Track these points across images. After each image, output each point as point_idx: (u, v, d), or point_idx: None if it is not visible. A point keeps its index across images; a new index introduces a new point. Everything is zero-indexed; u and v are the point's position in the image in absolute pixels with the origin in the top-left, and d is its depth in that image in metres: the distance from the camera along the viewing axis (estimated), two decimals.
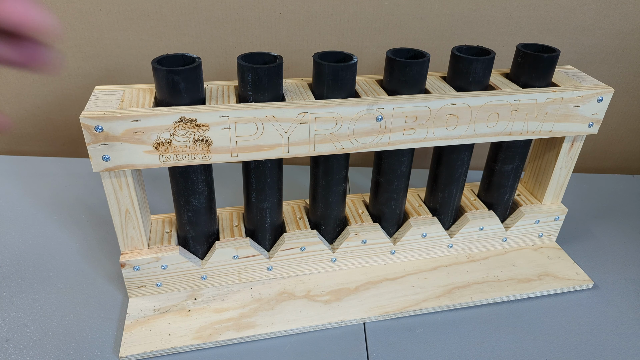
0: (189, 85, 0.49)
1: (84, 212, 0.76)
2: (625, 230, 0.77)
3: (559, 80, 0.61)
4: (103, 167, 0.50)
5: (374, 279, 0.65)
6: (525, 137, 0.60)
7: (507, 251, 0.71)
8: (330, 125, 0.52)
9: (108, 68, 0.84)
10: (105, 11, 0.78)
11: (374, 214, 0.67)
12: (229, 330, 0.56)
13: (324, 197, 0.61)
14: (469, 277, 0.65)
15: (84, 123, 0.47)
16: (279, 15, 0.79)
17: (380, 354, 0.55)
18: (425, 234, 0.66)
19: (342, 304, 0.61)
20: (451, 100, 0.54)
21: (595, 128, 0.61)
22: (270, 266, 0.63)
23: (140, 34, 0.80)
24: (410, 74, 0.54)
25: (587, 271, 0.67)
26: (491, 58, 0.57)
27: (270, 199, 0.59)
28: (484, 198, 0.71)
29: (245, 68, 0.49)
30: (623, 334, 0.59)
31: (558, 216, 0.70)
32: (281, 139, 0.52)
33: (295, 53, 0.83)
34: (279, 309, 0.59)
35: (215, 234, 0.61)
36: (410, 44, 0.82)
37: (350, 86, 0.54)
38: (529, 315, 0.61)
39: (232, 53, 0.83)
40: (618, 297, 0.64)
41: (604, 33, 0.82)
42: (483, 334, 0.58)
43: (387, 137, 0.55)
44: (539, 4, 0.79)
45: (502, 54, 0.82)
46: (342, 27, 0.81)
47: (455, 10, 0.79)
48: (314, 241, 0.62)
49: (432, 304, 0.61)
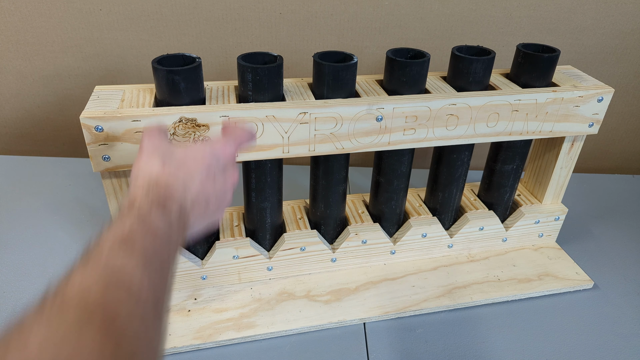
0: (189, 85, 0.48)
1: (84, 212, 0.76)
2: (625, 230, 0.77)
3: (559, 80, 0.61)
4: (103, 167, 0.50)
5: (374, 279, 0.65)
6: (526, 137, 0.60)
7: (507, 251, 0.71)
8: (330, 125, 0.52)
9: (108, 68, 0.84)
10: (105, 11, 0.78)
11: (374, 214, 0.67)
12: (229, 330, 0.56)
13: (324, 197, 0.61)
14: (469, 277, 0.65)
15: (84, 123, 0.47)
16: (279, 15, 0.79)
17: (380, 354, 0.55)
18: (425, 234, 0.66)
19: (342, 304, 0.61)
20: (451, 100, 0.54)
21: (596, 128, 0.61)
22: (271, 266, 0.62)
23: (140, 34, 0.80)
24: (410, 74, 0.54)
25: (587, 271, 0.67)
26: (491, 58, 0.57)
27: (271, 199, 0.59)
28: (484, 198, 0.71)
29: (246, 68, 0.49)
30: (623, 334, 0.59)
31: (558, 216, 0.70)
32: (281, 139, 0.52)
33: (295, 53, 0.83)
34: (279, 309, 0.59)
35: (215, 234, 0.61)
36: (410, 44, 0.82)
37: (351, 86, 0.54)
38: (529, 315, 0.61)
39: (232, 53, 0.83)
40: (618, 297, 0.64)
41: (604, 33, 0.82)
42: (483, 334, 0.58)
43: (387, 137, 0.55)
44: (539, 4, 0.79)
45: (502, 54, 0.82)
46: (342, 27, 0.81)
47: (455, 10, 0.79)
48: (314, 241, 0.62)
49: (432, 304, 0.61)
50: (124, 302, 0.25)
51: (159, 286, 0.29)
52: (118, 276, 0.26)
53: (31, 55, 0.82)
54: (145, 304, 0.27)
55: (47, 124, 0.91)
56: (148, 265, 0.28)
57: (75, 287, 0.25)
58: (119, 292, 0.25)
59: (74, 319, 0.23)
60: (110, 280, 0.26)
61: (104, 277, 0.26)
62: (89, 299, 0.24)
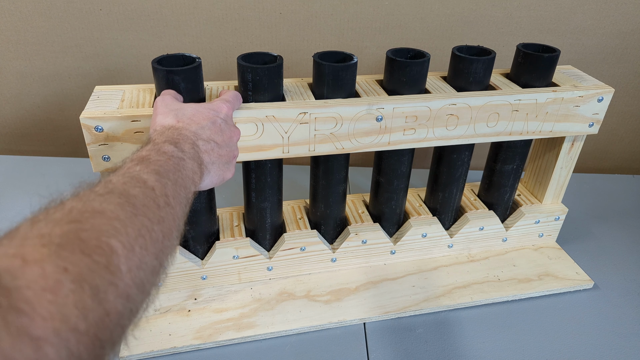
0: (189, 85, 0.48)
1: None
2: (625, 230, 0.77)
3: (559, 80, 0.61)
4: (103, 167, 0.50)
5: (374, 279, 0.65)
6: (526, 137, 0.60)
7: (507, 251, 0.71)
8: (330, 125, 0.52)
9: (108, 68, 0.84)
10: (105, 11, 0.78)
11: (374, 214, 0.67)
12: (229, 330, 0.56)
13: (324, 197, 0.61)
14: (469, 277, 0.65)
15: (84, 123, 0.47)
16: (279, 15, 0.79)
17: (380, 354, 0.55)
18: (425, 234, 0.66)
19: (342, 304, 0.60)
20: (451, 100, 0.54)
21: (596, 128, 0.61)
22: (271, 266, 0.62)
23: (140, 34, 0.80)
24: (410, 74, 0.54)
25: (587, 271, 0.67)
26: (491, 58, 0.56)
27: (271, 199, 0.59)
28: (484, 198, 0.71)
29: (245, 68, 0.49)
30: (623, 334, 0.59)
31: (558, 216, 0.70)
32: (281, 139, 0.52)
33: (295, 53, 0.83)
34: (279, 309, 0.59)
35: (215, 234, 0.61)
36: (410, 44, 0.82)
37: (351, 86, 0.54)
38: (529, 315, 0.61)
39: (232, 53, 0.83)
40: (618, 297, 0.64)
41: (604, 33, 0.82)
42: (483, 334, 0.58)
43: (387, 137, 0.55)
44: (539, 4, 0.79)
45: (502, 54, 0.82)
46: (342, 27, 0.81)
47: (455, 10, 0.79)
48: (314, 241, 0.62)
49: (432, 304, 0.61)
50: (139, 189, 0.31)
51: (171, 193, 0.34)
52: (135, 176, 0.32)
53: (31, 55, 0.82)
54: (158, 196, 0.32)
55: (47, 124, 0.91)
56: (162, 176, 0.34)
57: (100, 185, 0.31)
58: (135, 183, 0.31)
59: (100, 193, 0.29)
60: (128, 179, 0.32)
61: (123, 176, 0.32)
62: (110, 185, 0.30)
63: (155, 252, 0.29)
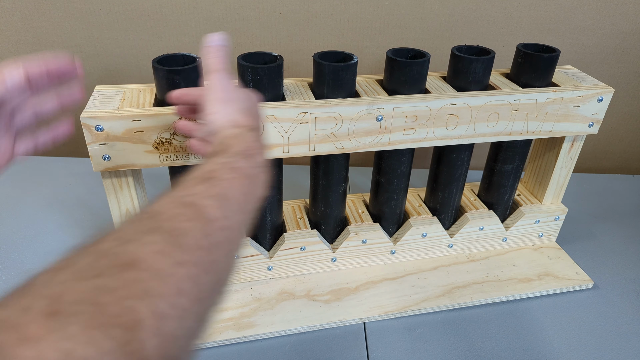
0: (189, 85, 0.48)
1: (84, 212, 0.76)
2: (625, 230, 0.77)
3: (559, 80, 0.61)
4: (103, 167, 0.50)
5: (374, 278, 0.65)
6: (526, 137, 0.60)
7: (507, 251, 0.71)
8: (330, 125, 0.52)
9: (108, 68, 0.84)
10: (105, 11, 0.78)
11: (374, 213, 0.67)
12: (229, 329, 0.56)
13: (324, 196, 0.61)
14: (469, 277, 0.65)
15: (84, 123, 0.47)
16: (279, 15, 0.79)
17: (380, 354, 0.55)
18: (425, 233, 0.66)
19: (342, 303, 0.60)
20: (451, 100, 0.54)
21: (596, 128, 0.61)
22: (271, 266, 0.62)
23: (140, 34, 0.80)
24: (410, 74, 0.54)
25: (587, 271, 0.67)
26: (491, 58, 0.57)
27: (270, 199, 0.59)
28: (484, 198, 0.71)
29: (245, 68, 0.49)
30: (623, 334, 0.59)
31: (558, 216, 0.70)
32: (281, 138, 0.52)
33: (295, 53, 0.83)
34: (279, 309, 0.59)
35: None
36: (410, 44, 0.82)
37: (351, 86, 0.54)
38: (529, 315, 0.61)
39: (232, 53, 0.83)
40: (618, 297, 0.64)
41: (604, 33, 0.82)
42: (483, 334, 0.58)
43: (387, 137, 0.55)
44: (539, 4, 0.79)
45: (502, 54, 0.82)
46: (342, 27, 0.81)
47: (455, 10, 0.79)
48: (314, 241, 0.62)
49: (432, 304, 0.61)
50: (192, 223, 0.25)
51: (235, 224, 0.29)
52: (191, 202, 0.27)
53: (31, 55, 0.82)
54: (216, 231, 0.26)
55: None
56: (228, 202, 0.28)
57: (146, 213, 0.26)
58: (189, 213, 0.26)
59: (141, 230, 0.24)
60: (181, 207, 0.26)
61: (177, 201, 0.26)
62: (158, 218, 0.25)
63: (199, 311, 0.24)
